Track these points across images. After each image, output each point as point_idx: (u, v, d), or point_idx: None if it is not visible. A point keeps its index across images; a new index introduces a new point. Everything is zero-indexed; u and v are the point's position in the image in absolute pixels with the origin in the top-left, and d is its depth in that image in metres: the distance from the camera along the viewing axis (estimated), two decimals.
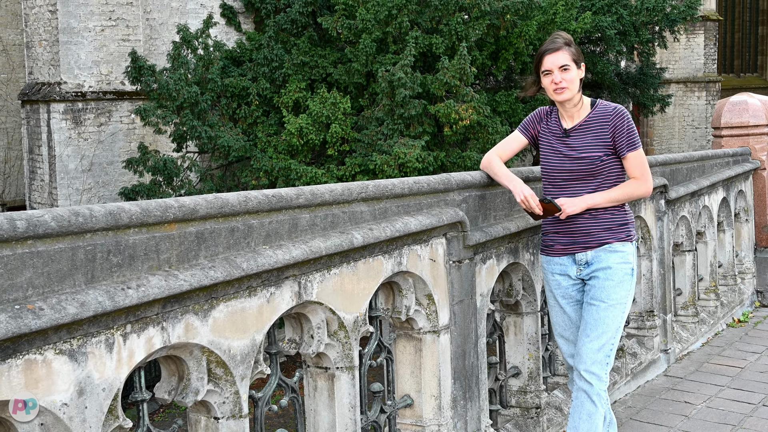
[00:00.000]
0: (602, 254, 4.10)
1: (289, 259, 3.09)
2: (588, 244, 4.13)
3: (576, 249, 4.15)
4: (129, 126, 16.10)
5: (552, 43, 4.10)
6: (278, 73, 14.51)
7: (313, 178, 12.82)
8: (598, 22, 17.18)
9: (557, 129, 4.19)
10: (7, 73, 18.28)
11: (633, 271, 4.15)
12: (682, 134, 28.81)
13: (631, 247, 4.17)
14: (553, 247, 4.24)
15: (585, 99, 4.19)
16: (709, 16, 28.21)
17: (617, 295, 4.07)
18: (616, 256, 4.09)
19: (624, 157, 4.11)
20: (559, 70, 4.04)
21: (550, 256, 4.27)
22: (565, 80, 4.04)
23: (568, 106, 4.14)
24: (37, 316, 2.27)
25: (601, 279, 4.08)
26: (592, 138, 4.09)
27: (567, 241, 4.18)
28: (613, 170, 4.13)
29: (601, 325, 4.04)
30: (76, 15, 15.73)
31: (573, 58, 4.06)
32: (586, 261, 4.14)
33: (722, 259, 8.28)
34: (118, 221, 2.57)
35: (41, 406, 2.35)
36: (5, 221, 2.27)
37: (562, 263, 4.21)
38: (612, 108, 4.15)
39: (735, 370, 6.42)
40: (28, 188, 16.65)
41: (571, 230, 4.15)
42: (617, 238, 4.12)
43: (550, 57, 4.05)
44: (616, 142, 4.08)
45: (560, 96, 4.07)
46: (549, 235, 4.28)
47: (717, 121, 9.10)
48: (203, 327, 2.84)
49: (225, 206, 2.93)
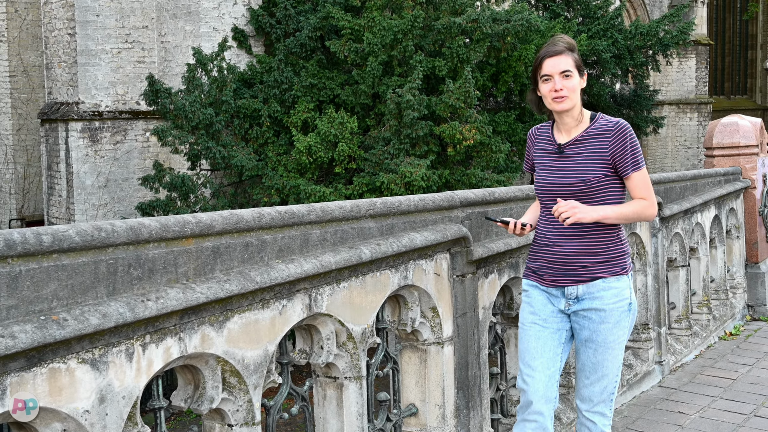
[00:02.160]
0: (594, 290, 3.54)
1: (300, 273, 3.11)
2: (580, 277, 3.55)
3: (566, 282, 3.57)
4: (144, 144, 16.15)
5: (553, 46, 3.52)
6: (288, 94, 14.56)
7: (322, 197, 12.85)
8: (594, 45, 17.25)
9: (551, 144, 3.63)
10: (27, 92, 18.35)
11: (631, 305, 3.59)
12: (674, 154, 28.82)
13: (626, 281, 3.59)
14: (543, 277, 3.65)
15: (585, 112, 3.61)
16: (700, 41, 28.26)
17: (614, 336, 3.57)
18: (610, 294, 3.53)
19: (627, 177, 3.52)
20: (560, 76, 3.47)
21: (537, 283, 3.69)
22: (566, 87, 3.47)
23: (567, 119, 3.56)
24: (62, 326, 2.28)
25: (596, 321, 3.56)
26: (590, 155, 3.50)
27: (557, 272, 3.59)
28: (613, 191, 3.53)
29: (600, 368, 3.60)
30: (94, 38, 15.80)
31: (576, 65, 3.51)
32: (576, 296, 3.57)
33: (714, 274, 8.27)
34: (138, 236, 2.58)
35: (64, 413, 2.36)
36: (32, 236, 2.29)
37: (550, 293, 3.64)
38: (614, 123, 3.54)
39: (727, 381, 6.41)
40: (47, 203, 16.68)
41: (563, 260, 3.57)
42: (612, 272, 3.54)
43: (551, 61, 3.48)
44: (619, 161, 3.49)
45: (560, 105, 3.49)
46: (538, 262, 3.68)
47: (709, 142, 9.12)
48: (218, 338, 2.86)
49: (240, 222, 2.95)
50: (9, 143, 18.22)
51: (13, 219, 18.16)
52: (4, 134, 18.20)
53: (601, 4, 18.97)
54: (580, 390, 3.70)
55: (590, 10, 18.82)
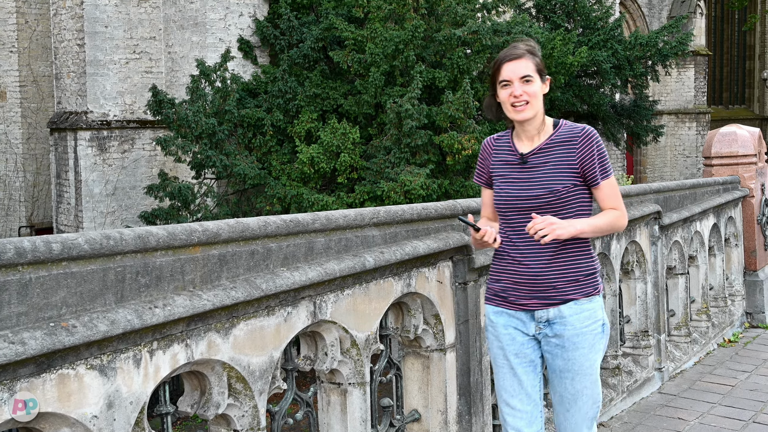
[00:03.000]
0: (566, 314, 3.22)
1: (305, 281, 3.11)
2: (550, 299, 3.23)
3: (535, 305, 3.25)
4: (151, 153, 16.19)
5: (513, 49, 3.22)
6: (291, 104, 14.59)
7: (324, 206, 12.86)
8: (594, 56, 17.27)
9: (512, 155, 3.30)
10: (37, 102, 18.41)
11: (604, 327, 3.30)
12: (673, 163, 28.83)
13: (599, 301, 3.31)
14: (507, 299, 3.31)
15: (547, 119, 3.31)
16: (699, 51, 28.30)
17: (590, 362, 3.27)
18: (582, 317, 3.23)
19: (597, 187, 3.24)
20: (520, 81, 3.17)
21: (503, 308, 3.34)
22: (527, 93, 3.17)
23: (529, 127, 3.25)
24: (71, 333, 2.29)
25: (569, 349, 3.24)
26: (557, 164, 3.20)
27: (525, 294, 3.26)
28: (581, 202, 3.25)
29: (581, 396, 3.29)
30: (103, 48, 15.86)
31: (537, 69, 3.21)
32: (547, 319, 3.25)
33: (713, 282, 8.27)
34: (146, 244, 2.59)
35: (73, 418, 2.37)
36: (42, 244, 2.30)
37: (519, 318, 3.30)
38: (580, 129, 3.24)
39: (726, 388, 6.39)
40: (56, 211, 16.72)
41: (531, 281, 3.24)
42: (584, 293, 3.24)
43: (510, 65, 3.18)
44: (588, 170, 3.20)
45: (520, 114, 3.19)
46: (501, 284, 3.33)
47: (708, 151, 9.12)
48: (225, 344, 2.86)
49: (246, 230, 2.96)
50: (19, 152, 18.26)
51: (22, 226, 18.19)
52: (14, 143, 18.25)
53: (601, 16, 19.01)
54: (560, 423, 3.40)
55: (590, 21, 18.85)
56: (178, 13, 16.27)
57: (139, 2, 16.26)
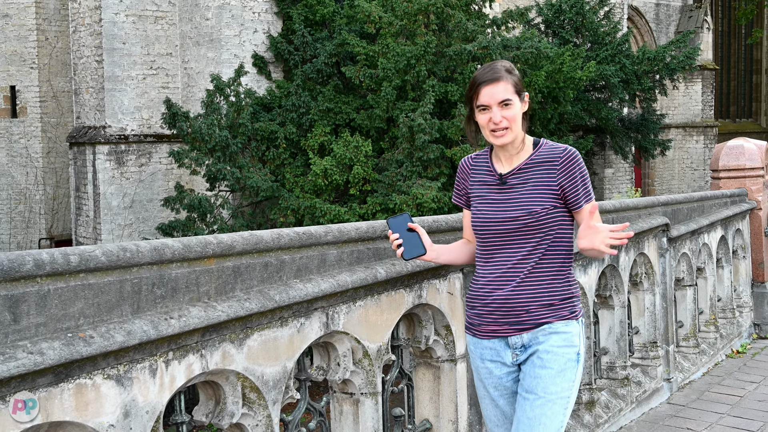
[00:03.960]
0: (540, 334, 3.02)
1: (318, 292, 3.11)
2: (523, 324, 3.02)
3: (508, 331, 3.05)
4: (167, 166, 16.27)
5: (490, 71, 3.01)
6: (305, 118, 14.64)
7: (337, 216, 12.88)
8: (602, 71, 17.27)
9: (490, 175, 3.13)
10: (57, 117, 18.53)
11: (579, 356, 3.04)
12: (681, 176, 28.73)
13: (576, 327, 3.06)
14: (480, 326, 3.11)
15: (528, 138, 3.13)
16: (706, 66, 28.24)
17: (557, 387, 2.97)
18: (557, 337, 3.01)
19: (579, 210, 3.04)
20: (499, 107, 2.98)
21: (477, 338, 3.15)
22: (506, 119, 2.98)
23: (508, 147, 3.08)
24: (88, 343, 2.29)
25: (537, 366, 3.00)
26: (536, 185, 3.03)
27: (497, 320, 3.06)
28: (561, 225, 3.06)
29: (537, 425, 2.96)
30: (121, 64, 15.96)
31: (515, 90, 3.01)
32: (522, 344, 3.05)
33: (721, 293, 8.22)
34: (162, 256, 2.60)
35: (90, 427, 2.37)
36: (60, 256, 2.31)
37: (493, 347, 3.10)
38: (561, 150, 3.06)
39: (734, 398, 6.35)
40: (74, 223, 16.80)
41: (503, 305, 3.04)
42: (559, 316, 3.02)
43: (488, 89, 2.98)
44: (569, 192, 3.02)
45: (501, 139, 3.01)
46: (476, 310, 3.14)
47: (715, 164, 9.09)
48: (239, 354, 2.86)
49: (260, 243, 2.96)
50: (39, 165, 18.38)
51: (42, 238, 18.29)
52: (35, 157, 18.36)
53: (609, 31, 19.03)
54: None
55: (599, 36, 18.87)
56: (194, 29, 16.36)
57: (156, 19, 16.37)
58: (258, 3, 16.40)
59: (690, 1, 29.21)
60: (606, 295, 5.81)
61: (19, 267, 2.21)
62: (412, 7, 13.71)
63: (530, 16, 17.73)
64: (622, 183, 23.10)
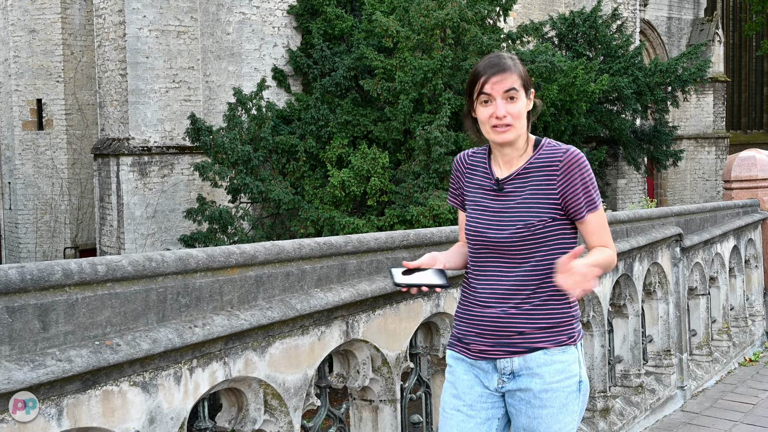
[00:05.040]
0: (534, 365, 2.61)
1: (338, 301, 3.11)
2: (515, 347, 2.62)
3: (499, 353, 2.64)
4: (189, 177, 16.35)
5: (496, 59, 2.63)
6: (324, 130, 14.68)
7: (355, 229, 12.89)
8: (615, 83, 17.23)
9: (486, 179, 2.72)
10: (82, 129, 18.68)
11: (581, 384, 2.66)
12: (693, 186, 28.58)
13: (575, 353, 2.66)
14: (469, 346, 2.70)
15: (531, 138, 2.71)
16: (717, 78, 28.11)
17: (560, 424, 2.64)
18: (553, 370, 2.61)
19: (581, 221, 2.62)
20: (504, 99, 2.57)
21: (463, 355, 2.73)
22: (510, 114, 2.57)
23: (508, 150, 2.66)
24: (115, 351, 2.31)
25: (536, 406, 2.63)
26: (534, 193, 2.62)
27: (486, 340, 2.65)
28: (563, 238, 2.63)
29: None
30: (144, 78, 16.07)
31: (523, 83, 2.61)
32: (511, 370, 2.64)
33: (734, 302, 8.16)
34: (186, 266, 2.61)
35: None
36: (88, 266, 2.32)
37: (479, 368, 2.69)
38: (563, 151, 2.62)
39: (747, 406, 6.29)
40: (99, 233, 16.90)
41: (495, 325, 2.64)
42: (556, 342, 2.62)
43: (493, 79, 2.58)
44: (570, 201, 2.60)
45: (502, 136, 2.60)
46: (463, 327, 2.72)
47: (727, 175, 9.04)
48: (261, 362, 2.87)
49: (281, 253, 2.97)
50: (64, 176, 18.52)
51: (67, 247, 18.41)
52: (60, 168, 18.51)
53: (622, 44, 18.98)
54: None
55: (611, 49, 18.83)
56: (216, 44, 16.46)
57: (179, 34, 16.48)
58: (278, 18, 16.48)
59: (701, 15, 29.11)
60: (620, 304, 5.78)
61: (49, 276, 2.22)
62: (429, 22, 13.73)
63: (544, 30, 17.71)
64: (634, 193, 23.00)
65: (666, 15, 28.07)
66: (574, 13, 19.08)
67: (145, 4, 16.01)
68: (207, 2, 16.53)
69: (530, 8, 21.89)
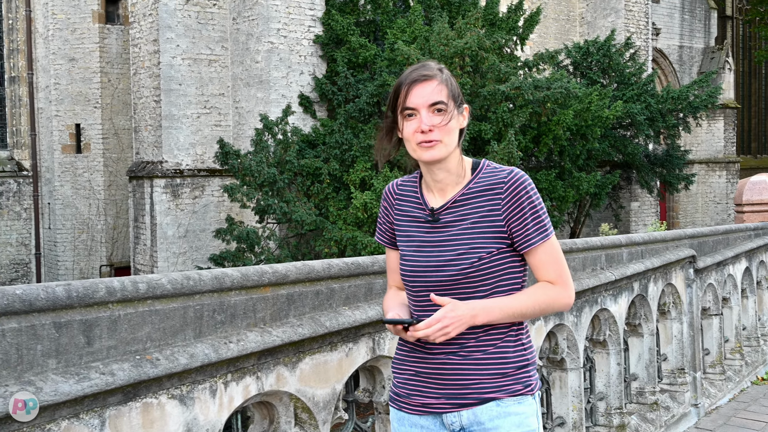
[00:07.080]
0: (485, 418, 2.19)
1: (365, 319, 3.13)
2: (464, 398, 2.20)
3: (444, 407, 2.23)
4: (219, 199, 16.45)
5: (421, 68, 2.21)
6: (347, 154, 14.74)
7: (378, 247, 12.89)
8: (628, 109, 17.18)
9: (419, 210, 2.30)
10: (118, 153, 18.87)
11: None
12: (704, 209, 28.36)
13: (532, 404, 2.25)
14: (409, 398, 2.28)
15: (466, 161, 2.28)
16: (728, 104, 27.96)
17: None
18: (508, 423, 2.19)
19: (528, 251, 2.21)
20: (429, 111, 2.16)
21: (403, 412, 2.31)
22: (437, 128, 2.16)
23: (441, 174, 2.25)
24: (154, 365, 2.33)
25: None
26: (475, 222, 2.20)
27: (430, 392, 2.24)
28: (511, 271, 2.23)
29: None
30: (177, 104, 16.23)
31: (451, 95, 2.19)
32: (460, 426, 2.23)
33: (746, 322, 8.08)
34: (222, 284, 2.63)
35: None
36: (129, 284, 2.35)
37: (424, 426, 2.28)
38: (506, 173, 2.22)
39: (760, 424, 6.21)
40: (133, 251, 17.02)
41: (439, 374, 2.23)
42: (510, 391, 2.20)
43: (417, 89, 2.17)
44: (516, 228, 2.19)
45: (430, 152, 2.19)
46: (404, 377, 2.31)
47: (739, 199, 8.98)
48: (292, 377, 2.88)
49: (311, 272, 2.99)
50: (101, 197, 18.70)
51: (103, 265, 18.56)
52: (97, 189, 18.70)
53: (635, 72, 18.95)
54: None
55: (625, 76, 18.80)
56: (245, 71, 16.60)
57: (210, 62, 16.64)
58: (304, 47, 16.60)
59: (712, 43, 29.01)
60: (635, 324, 5.74)
61: (93, 294, 2.25)
62: (448, 51, 13.78)
63: (559, 58, 17.73)
64: (647, 216, 22.86)
65: (677, 44, 28.00)
66: (588, 42, 19.08)
67: (178, 34, 16.20)
68: (237, 32, 16.70)
69: (546, 37, 21.92)
